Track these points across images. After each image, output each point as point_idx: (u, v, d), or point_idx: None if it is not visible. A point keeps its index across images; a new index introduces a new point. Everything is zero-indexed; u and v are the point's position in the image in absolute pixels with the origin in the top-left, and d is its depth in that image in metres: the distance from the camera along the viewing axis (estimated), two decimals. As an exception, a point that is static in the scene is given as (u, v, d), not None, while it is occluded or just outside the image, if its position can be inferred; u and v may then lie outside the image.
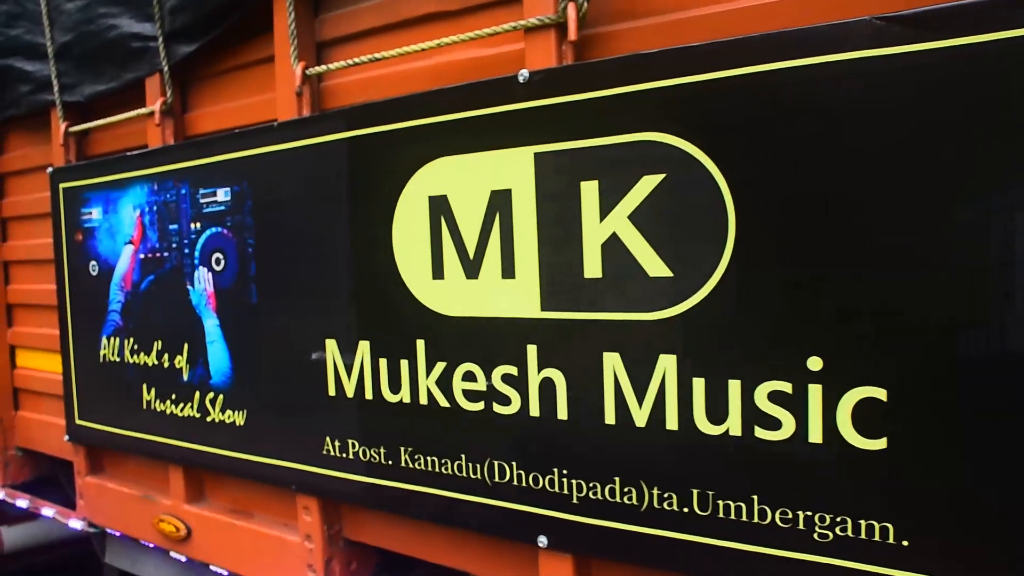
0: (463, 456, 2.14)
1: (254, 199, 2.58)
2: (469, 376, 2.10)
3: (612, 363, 1.87)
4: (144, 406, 3.06)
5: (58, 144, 3.42)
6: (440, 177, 2.12)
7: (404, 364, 2.23)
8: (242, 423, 2.70)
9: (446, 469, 2.18)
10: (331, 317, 2.40)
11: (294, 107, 2.50)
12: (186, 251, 2.83)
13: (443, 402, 2.16)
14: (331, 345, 2.40)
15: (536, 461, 2.00)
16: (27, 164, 3.82)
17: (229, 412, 2.74)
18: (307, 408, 2.49)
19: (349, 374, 2.36)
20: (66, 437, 3.48)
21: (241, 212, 2.62)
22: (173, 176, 2.86)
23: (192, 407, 2.86)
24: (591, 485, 1.92)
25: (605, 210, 1.85)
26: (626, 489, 1.85)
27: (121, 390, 3.16)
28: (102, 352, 3.23)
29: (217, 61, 2.85)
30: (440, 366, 2.16)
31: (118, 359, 3.16)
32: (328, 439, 2.44)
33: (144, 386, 3.05)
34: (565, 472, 1.96)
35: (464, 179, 2.07)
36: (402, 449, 2.27)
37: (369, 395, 2.32)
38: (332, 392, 2.41)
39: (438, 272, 2.14)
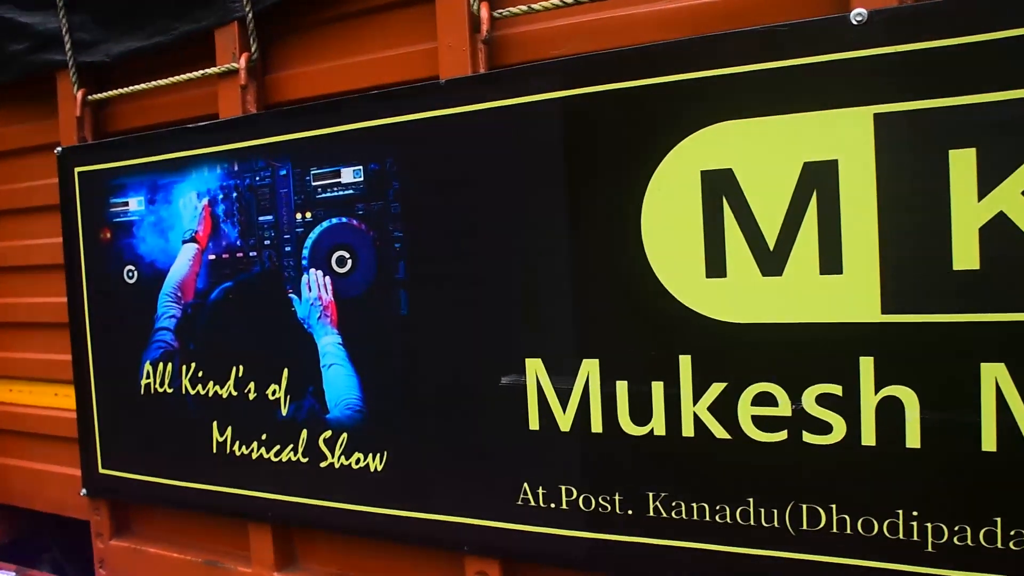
0: (751, 499, 1.70)
1: (404, 180, 2.04)
2: (764, 399, 1.67)
3: (995, 376, 1.49)
4: (213, 450, 2.42)
5: (69, 117, 2.70)
6: (720, 147, 1.68)
7: (657, 387, 1.77)
8: (379, 468, 2.14)
9: (721, 517, 1.73)
10: (534, 331, 1.89)
11: (465, 60, 1.98)
12: (286, 249, 2.23)
13: (720, 433, 1.72)
14: (534, 366, 1.90)
15: (871, 501, 1.59)
16: (3, 146, 3.03)
17: (358, 456, 2.17)
18: (491, 447, 1.98)
19: (564, 402, 1.87)
20: (83, 491, 2.75)
21: (382, 197, 2.07)
22: (265, 153, 2.25)
23: (295, 450, 2.27)
24: (957, 530, 1.53)
25: (986, 185, 1.48)
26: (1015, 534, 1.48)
27: (175, 430, 2.50)
28: (144, 382, 2.55)
29: (324, 5, 2.26)
30: (716, 388, 1.71)
31: (170, 390, 2.50)
32: (526, 485, 1.94)
33: (214, 425, 2.41)
34: (915, 514, 1.57)
35: (759, 149, 1.64)
36: (650, 495, 1.80)
37: (597, 428, 1.84)
38: (534, 426, 1.91)
39: (716, 268, 1.69)
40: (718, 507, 1.74)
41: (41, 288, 2.98)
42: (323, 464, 2.23)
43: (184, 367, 2.46)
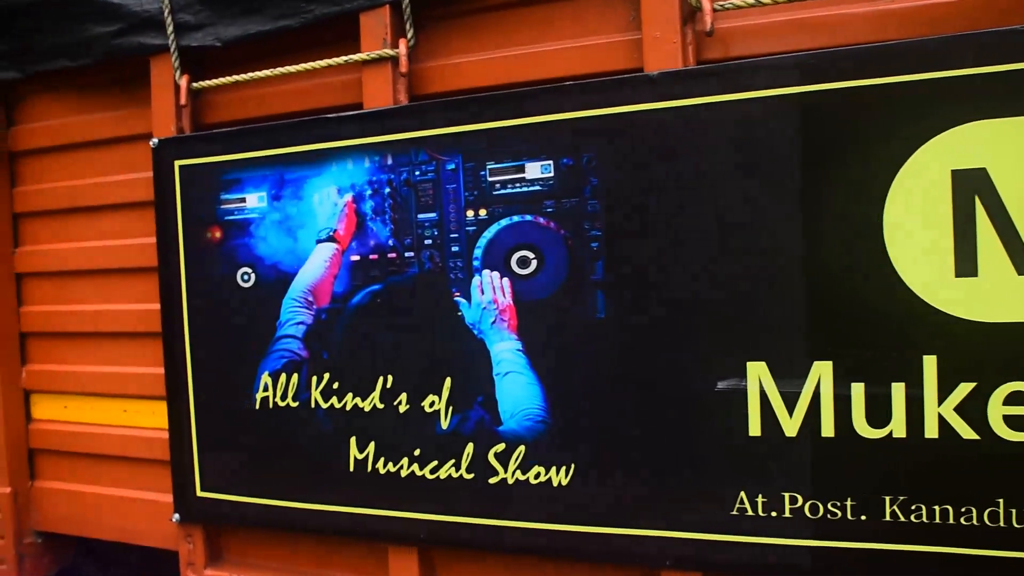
0: (1001, 500, 1.72)
1: (604, 176, 1.98)
2: (1018, 398, 1.70)
3: None
4: (351, 467, 2.28)
5: (165, 106, 2.50)
6: (972, 146, 1.71)
7: (898, 388, 1.77)
8: (563, 482, 2.06)
9: (967, 519, 1.74)
10: (757, 334, 1.87)
11: (675, 53, 1.95)
12: (453, 249, 2.13)
13: (968, 433, 1.74)
14: (757, 370, 1.87)
15: None
16: (69, 137, 2.78)
17: (538, 470, 2.08)
18: (702, 456, 1.94)
19: (791, 407, 1.85)
20: (174, 517, 2.52)
21: (576, 194, 2.00)
22: (429, 145, 2.15)
23: (457, 466, 2.15)
24: None
25: None
26: None
27: (299, 448, 2.34)
28: (261, 395, 2.37)
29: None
30: (964, 388, 1.73)
31: (295, 404, 2.33)
32: (743, 494, 1.90)
33: (352, 441, 2.27)
34: None
35: (1015, 148, 1.68)
36: (887, 499, 1.80)
37: (828, 432, 1.83)
38: (755, 432, 1.88)
39: (966, 268, 1.72)
40: (963, 509, 1.75)
41: (100, 294, 2.74)
42: (493, 480, 2.12)
43: (315, 378, 2.30)
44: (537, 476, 2.09)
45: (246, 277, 2.39)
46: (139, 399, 2.70)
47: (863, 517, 1.82)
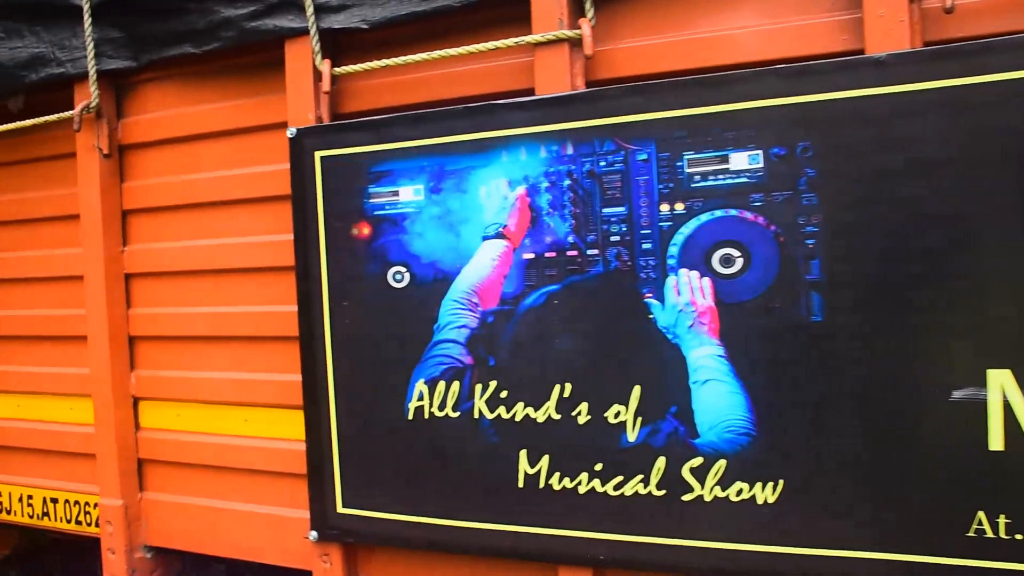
0: None
1: (822, 167, 1.84)
2: None
3: None
4: (519, 483, 2.13)
5: (302, 93, 2.35)
6: None
7: None
8: (770, 500, 1.91)
9: None
10: (1002, 339, 1.73)
11: (902, 33, 1.81)
12: (644, 246, 1.99)
13: None
14: (1000, 378, 1.73)
15: None
16: (184, 129, 2.64)
17: (740, 486, 1.93)
18: (931, 472, 1.80)
19: (1044, 417, 1.71)
20: (311, 535, 2.37)
21: (789, 187, 1.87)
22: (616, 134, 2.00)
23: (645, 482, 2.01)
24: None
25: None
26: None
27: (459, 462, 2.20)
28: (415, 405, 2.23)
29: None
30: None
31: (455, 415, 2.18)
32: (982, 514, 1.76)
33: (522, 454, 2.12)
34: None
35: None
36: None
37: (1089, 446, 1.68)
38: (997, 446, 1.74)
39: None
40: None
41: (217, 296, 2.60)
42: (687, 497, 1.98)
43: (479, 386, 2.15)
44: (739, 493, 1.94)
45: (399, 277, 2.24)
46: (263, 408, 2.55)
47: None
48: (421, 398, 2.23)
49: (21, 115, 2.89)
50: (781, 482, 1.91)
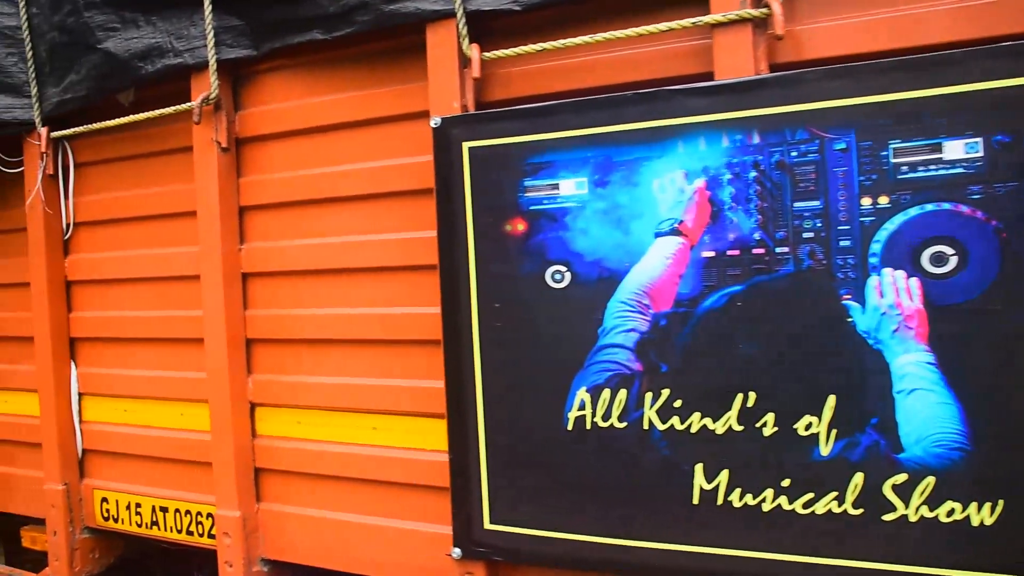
0: None
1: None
2: None
3: None
4: (695, 499, 1.99)
5: (446, 80, 2.23)
6: None
7: None
8: (987, 522, 1.76)
9: None
10: None
11: None
12: (842, 243, 1.84)
13: None
14: None
15: None
16: (306, 121, 2.54)
17: (951, 506, 1.78)
18: None
19: None
20: (454, 552, 2.24)
21: (1016, 177, 1.70)
22: (809, 120, 1.86)
23: (841, 499, 1.86)
24: None
25: None
26: None
27: (625, 475, 2.06)
28: (575, 415, 2.10)
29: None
30: None
31: (620, 425, 2.05)
32: None
33: (698, 468, 1.98)
34: None
35: None
36: None
37: None
38: None
39: None
40: None
41: (345, 296, 2.50)
42: (888, 517, 1.83)
43: (649, 395, 2.02)
44: (950, 514, 1.79)
45: (558, 276, 2.11)
46: (394, 415, 2.44)
47: None
48: (583, 407, 2.10)
49: (131, 109, 2.81)
50: (1000, 503, 1.76)
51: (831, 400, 1.87)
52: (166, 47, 2.62)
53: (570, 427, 2.11)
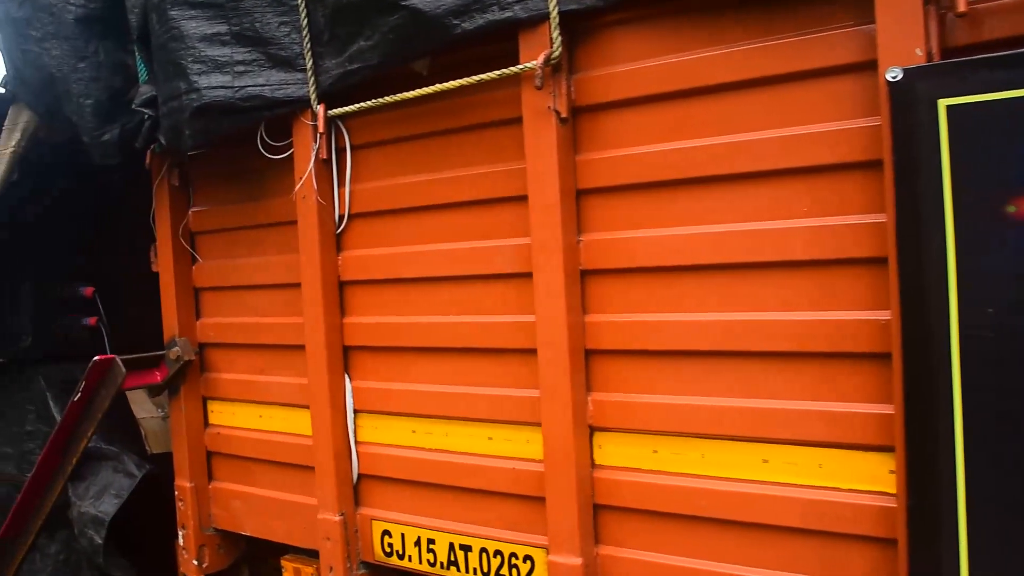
0: None
1: None
2: None
3: None
4: None
5: (909, 22, 1.76)
6: None
7: None
8: None
9: None
10: None
11: None
12: None
13: None
14: None
15: None
16: (674, 82, 2.12)
17: None
18: None
19: None
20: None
21: None
22: None
23: None
24: None
25: None
26: None
27: None
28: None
29: None
30: None
31: None
32: None
33: None
34: None
35: None
36: None
37: None
38: None
39: None
40: None
41: (706, 300, 2.09)
42: None
43: None
44: None
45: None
46: (798, 446, 1.99)
47: None
48: None
49: (428, 79, 2.44)
50: None
51: None
52: (489, 0, 2.24)
53: None
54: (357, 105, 2.57)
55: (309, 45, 2.63)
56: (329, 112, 2.63)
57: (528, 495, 2.38)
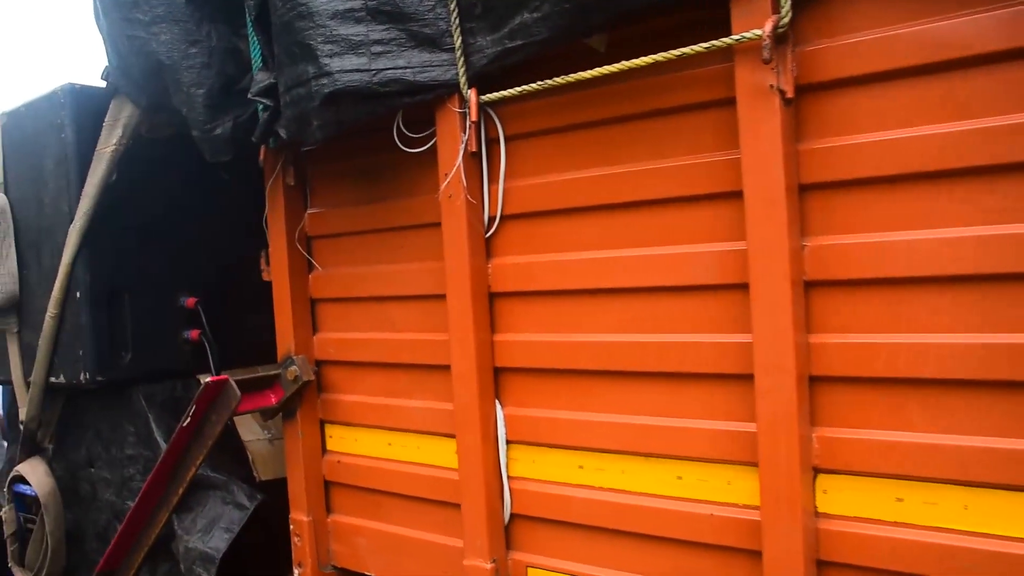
0: None
1: None
2: None
3: None
4: None
5: None
6: None
7: None
8: None
9: None
10: None
11: None
12: None
13: None
14: None
15: None
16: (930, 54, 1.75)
17: None
18: None
19: None
20: None
21: None
22: None
23: None
24: None
25: None
26: None
27: None
28: None
29: None
30: None
31: None
32: None
33: None
34: None
35: None
36: None
37: None
38: None
39: None
40: None
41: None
42: None
43: None
44: None
45: None
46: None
47: None
48: None
49: (607, 57, 2.11)
50: None
51: None
52: (701, -41, 1.91)
53: None
54: (519, 88, 2.23)
55: (457, 20, 2.31)
56: (483, 97, 2.33)
57: (733, 546, 2.04)
